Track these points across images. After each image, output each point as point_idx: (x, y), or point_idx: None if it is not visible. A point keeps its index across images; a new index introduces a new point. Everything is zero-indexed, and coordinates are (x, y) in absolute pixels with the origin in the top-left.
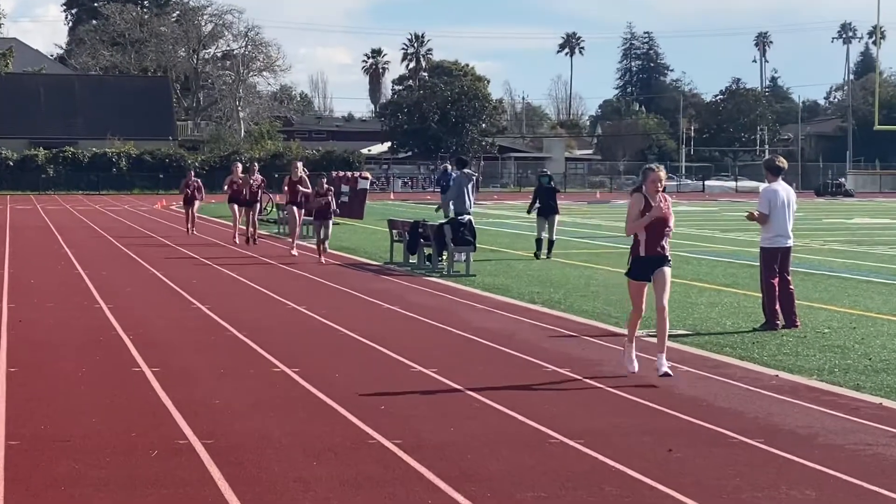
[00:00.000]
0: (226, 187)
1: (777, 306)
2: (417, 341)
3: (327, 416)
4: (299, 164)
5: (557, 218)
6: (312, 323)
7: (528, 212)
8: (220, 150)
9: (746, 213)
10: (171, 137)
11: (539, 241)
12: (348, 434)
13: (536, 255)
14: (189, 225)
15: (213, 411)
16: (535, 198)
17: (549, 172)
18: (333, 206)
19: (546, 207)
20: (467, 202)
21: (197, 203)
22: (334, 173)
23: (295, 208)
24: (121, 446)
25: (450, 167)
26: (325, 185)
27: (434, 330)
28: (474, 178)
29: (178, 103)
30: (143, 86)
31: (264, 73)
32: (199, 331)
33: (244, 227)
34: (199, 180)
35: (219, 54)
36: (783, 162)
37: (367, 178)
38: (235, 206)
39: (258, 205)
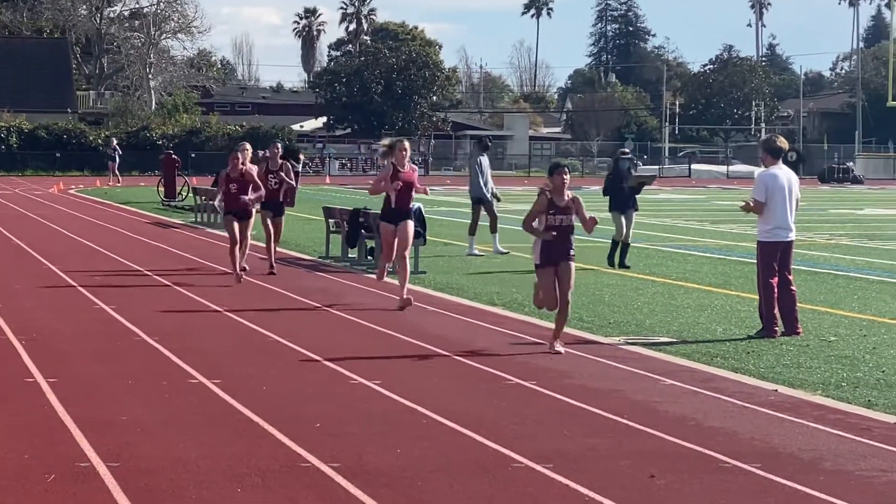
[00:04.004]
0: (220, 194)
1: (776, 310)
2: (358, 349)
3: (253, 435)
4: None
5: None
6: (236, 327)
7: (611, 209)
8: (128, 124)
9: (741, 203)
10: (69, 110)
11: (617, 243)
12: (278, 456)
13: (611, 262)
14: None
15: (120, 429)
16: (610, 187)
17: (629, 154)
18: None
19: (625, 200)
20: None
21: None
22: (260, 153)
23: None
24: (11, 469)
25: (280, 146)
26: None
27: (378, 335)
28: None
29: (78, 70)
30: (37, 49)
31: (179, 36)
32: (104, 335)
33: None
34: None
35: (126, 12)
36: (784, 142)
37: (300, 160)
38: (235, 223)
39: (280, 216)
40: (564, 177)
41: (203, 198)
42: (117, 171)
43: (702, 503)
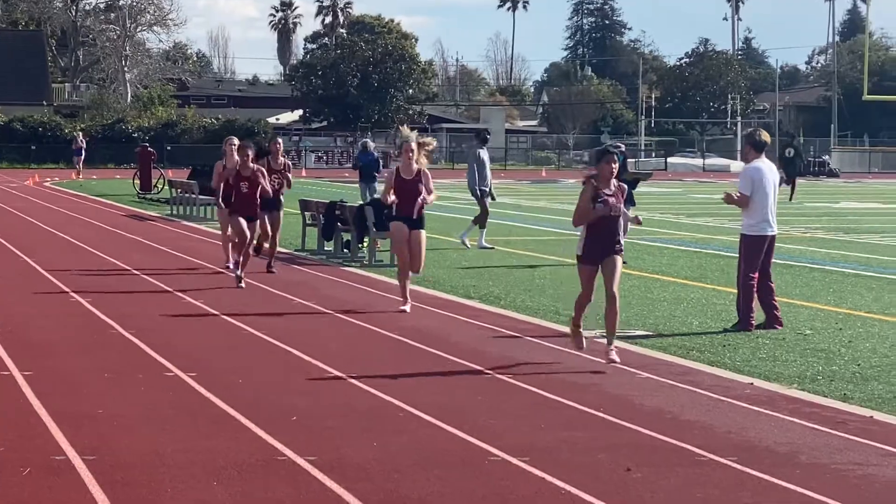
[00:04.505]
0: (216, 183)
1: (753, 303)
2: (335, 342)
3: (229, 429)
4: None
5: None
6: (213, 321)
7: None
8: (104, 117)
9: (723, 195)
10: (45, 102)
11: None
12: (254, 449)
13: None
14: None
15: (96, 422)
16: None
17: (622, 147)
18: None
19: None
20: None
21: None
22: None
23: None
24: None
25: (371, 144)
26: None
27: (354, 329)
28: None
29: (53, 62)
30: (12, 42)
31: (155, 28)
32: (80, 329)
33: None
34: None
35: (101, 5)
36: (767, 136)
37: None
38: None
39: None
40: (613, 165)
41: (179, 190)
42: (79, 165)
43: (678, 496)
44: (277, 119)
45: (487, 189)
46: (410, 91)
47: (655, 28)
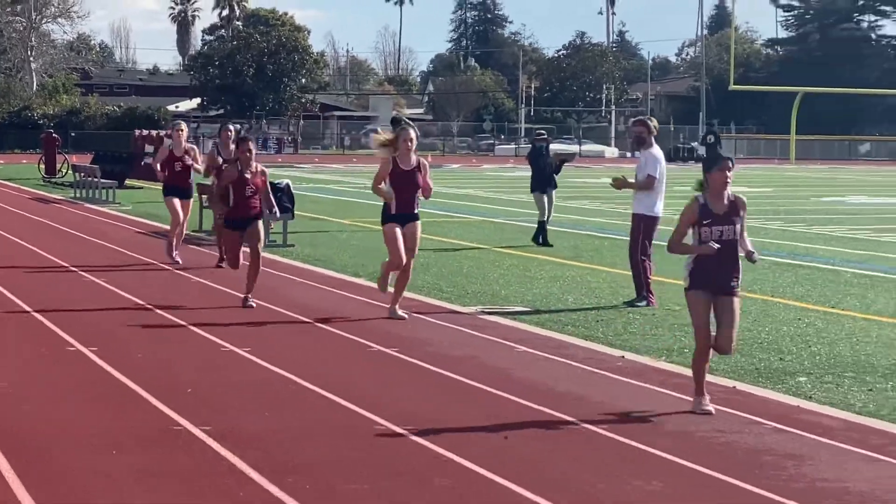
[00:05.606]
0: (160, 168)
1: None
2: (228, 317)
3: (128, 401)
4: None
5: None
6: (113, 297)
7: (532, 190)
8: (10, 104)
9: (612, 180)
10: None
11: (543, 223)
12: (151, 420)
13: (541, 242)
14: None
15: (0, 395)
16: (532, 168)
17: (544, 133)
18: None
19: (546, 179)
20: None
21: None
22: (137, 132)
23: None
24: None
25: (232, 129)
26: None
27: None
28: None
29: None
30: None
31: (59, 20)
32: None
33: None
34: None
35: None
36: (657, 124)
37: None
38: (176, 202)
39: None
40: (728, 174)
41: (82, 174)
42: None
43: (553, 463)
44: (177, 107)
45: None
46: (303, 81)
47: (535, 21)
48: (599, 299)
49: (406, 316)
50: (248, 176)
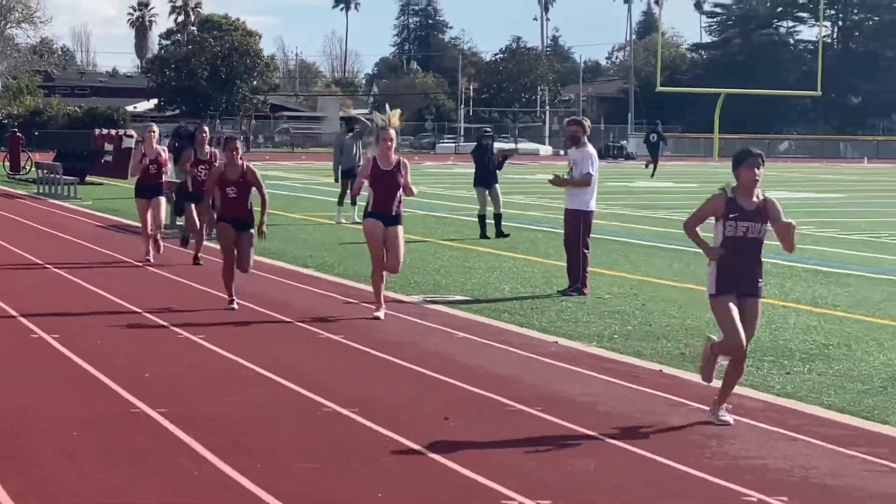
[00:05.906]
0: (136, 167)
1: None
2: (183, 305)
3: (88, 385)
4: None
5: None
6: (75, 288)
7: (475, 185)
8: None
9: (552, 177)
10: None
11: (483, 217)
12: (110, 403)
13: (484, 236)
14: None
15: None
16: (476, 164)
17: (490, 132)
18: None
19: (488, 175)
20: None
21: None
22: (97, 131)
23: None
24: None
25: (187, 128)
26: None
27: (200, 294)
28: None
29: None
30: None
31: (23, 25)
32: None
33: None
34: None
35: None
36: (590, 125)
37: (131, 137)
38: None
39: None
40: (757, 171)
41: (45, 171)
42: None
43: (491, 443)
44: (135, 108)
45: (349, 170)
46: (255, 83)
47: (473, 27)
48: (534, 288)
49: (381, 316)
50: (233, 177)
